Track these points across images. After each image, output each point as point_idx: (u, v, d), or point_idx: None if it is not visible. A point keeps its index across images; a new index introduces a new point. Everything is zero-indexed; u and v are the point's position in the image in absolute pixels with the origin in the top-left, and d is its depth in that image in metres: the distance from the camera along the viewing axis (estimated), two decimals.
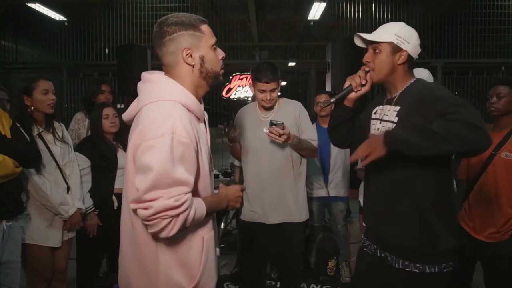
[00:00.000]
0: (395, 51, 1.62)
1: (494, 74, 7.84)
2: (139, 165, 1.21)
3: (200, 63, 1.33)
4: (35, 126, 2.32)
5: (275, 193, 2.38)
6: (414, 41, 1.63)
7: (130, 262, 1.33)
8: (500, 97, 2.26)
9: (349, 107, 1.82)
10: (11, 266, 2.10)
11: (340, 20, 7.70)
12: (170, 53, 1.32)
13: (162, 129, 1.18)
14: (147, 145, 1.18)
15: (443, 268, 1.56)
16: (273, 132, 2.20)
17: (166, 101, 1.27)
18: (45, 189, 2.26)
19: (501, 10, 7.67)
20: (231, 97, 8.00)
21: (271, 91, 2.33)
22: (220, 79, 1.40)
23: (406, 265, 1.59)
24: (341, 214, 3.56)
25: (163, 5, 7.58)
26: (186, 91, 1.31)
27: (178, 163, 1.19)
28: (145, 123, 1.22)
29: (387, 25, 1.68)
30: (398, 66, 1.64)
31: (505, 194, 2.22)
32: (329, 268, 3.53)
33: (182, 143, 1.20)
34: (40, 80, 2.32)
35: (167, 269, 1.29)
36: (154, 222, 1.16)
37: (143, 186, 1.17)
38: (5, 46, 8.39)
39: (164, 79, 1.33)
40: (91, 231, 2.59)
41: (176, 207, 1.17)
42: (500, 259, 2.23)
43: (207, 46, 1.34)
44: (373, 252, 1.75)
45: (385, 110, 1.70)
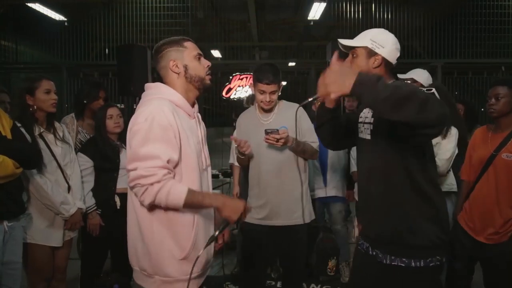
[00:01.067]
0: (370, 55, 1.67)
1: (494, 74, 7.85)
2: (128, 145, 1.53)
3: (184, 71, 1.63)
4: (36, 126, 2.32)
5: (279, 195, 2.37)
6: (390, 45, 1.67)
7: (133, 233, 1.59)
8: (498, 98, 2.25)
9: (328, 108, 1.84)
10: (12, 266, 2.10)
11: (340, 20, 7.71)
12: (162, 67, 1.65)
13: (145, 115, 1.49)
14: (135, 129, 1.50)
15: (428, 263, 1.59)
16: (270, 139, 2.21)
17: (157, 98, 1.58)
18: (46, 189, 2.26)
19: (501, 10, 7.67)
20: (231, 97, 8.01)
21: (271, 93, 2.32)
22: (206, 82, 1.67)
23: (392, 260, 1.63)
24: (340, 214, 3.56)
25: (163, 5, 7.59)
26: (174, 91, 1.61)
27: (154, 141, 1.46)
28: (136, 114, 1.55)
29: (366, 31, 1.73)
30: (374, 69, 1.68)
31: (505, 195, 2.22)
32: (329, 268, 3.53)
33: (160, 126, 1.48)
34: (43, 80, 2.33)
35: (161, 237, 1.52)
36: (135, 189, 1.47)
37: (128, 159, 1.50)
38: (5, 46, 8.40)
39: (160, 85, 1.64)
40: (94, 230, 2.60)
41: (146, 176, 1.43)
42: (499, 260, 2.22)
43: (190, 57, 1.64)
44: (366, 250, 1.78)
45: (366, 113, 1.78)
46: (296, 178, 2.39)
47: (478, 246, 2.29)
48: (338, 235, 3.59)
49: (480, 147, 2.36)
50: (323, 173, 3.47)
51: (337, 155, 3.44)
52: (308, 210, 2.45)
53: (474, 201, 2.35)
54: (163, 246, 1.53)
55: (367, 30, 1.73)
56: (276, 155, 2.36)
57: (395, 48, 1.69)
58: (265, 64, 2.37)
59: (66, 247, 2.47)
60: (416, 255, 1.60)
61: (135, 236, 1.59)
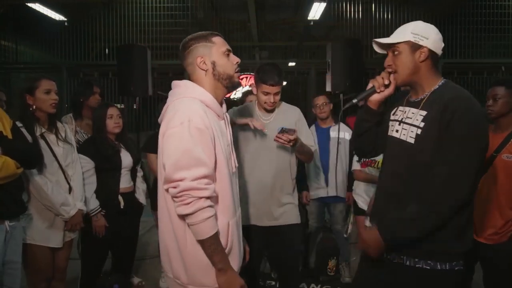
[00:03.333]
0: (415, 49, 1.57)
1: (494, 74, 7.84)
2: (164, 150, 1.45)
3: (212, 68, 1.56)
4: (37, 126, 2.32)
5: (272, 195, 2.37)
6: (433, 35, 1.58)
7: (167, 239, 1.53)
8: (496, 99, 2.24)
9: (375, 110, 1.72)
10: (13, 266, 2.11)
11: (340, 20, 7.70)
12: (189, 63, 1.59)
13: (180, 118, 1.42)
14: (170, 133, 1.43)
15: (454, 266, 1.55)
16: (283, 138, 2.16)
17: (187, 97, 1.52)
18: (46, 190, 2.26)
19: (501, 10, 7.67)
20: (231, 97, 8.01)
21: (275, 94, 2.30)
22: (235, 80, 1.61)
23: (416, 262, 1.57)
24: (340, 214, 3.56)
25: (163, 5, 7.58)
26: (204, 91, 1.55)
27: (196, 145, 1.41)
28: (169, 115, 1.46)
29: (403, 26, 1.63)
30: (421, 64, 1.58)
31: (505, 196, 2.22)
32: (329, 268, 3.53)
33: (198, 129, 1.42)
34: (43, 80, 2.33)
35: (194, 247, 1.47)
36: (181, 199, 1.39)
37: (169, 167, 1.40)
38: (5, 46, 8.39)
39: (188, 83, 1.58)
40: (100, 232, 2.60)
41: (199, 189, 1.39)
42: (499, 260, 2.23)
43: (218, 53, 1.57)
44: None
45: (407, 112, 1.64)
46: (289, 179, 2.42)
47: (478, 246, 2.29)
48: (338, 235, 3.59)
49: None
50: (324, 173, 3.47)
51: (339, 155, 3.44)
52: (295, 211, 2.45)
53: (474, 202, 2.34)
54: (197, 257, 1.47)
55: (404, 25, 1.63)
56: (272, 155, 2.36)
57: (439, 38, 1.60)
58: (268, 65, 2.34)
59: (66, 248, 2.47)
60: (444, 259, 1.54)
61: (169, 244, 1.53)
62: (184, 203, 1.38)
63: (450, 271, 1.54)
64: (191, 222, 1.40)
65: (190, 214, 1.38)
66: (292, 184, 2.46)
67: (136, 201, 2.91)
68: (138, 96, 5.28)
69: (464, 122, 1.46)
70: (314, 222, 3.64)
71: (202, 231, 1.41)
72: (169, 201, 1.47)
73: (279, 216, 2.39)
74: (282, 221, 2.39)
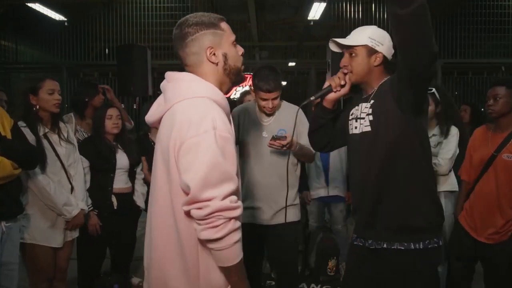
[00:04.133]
0: (371, 54, 1.67)
1: (494, 74, 7.84)
2: (185, 164, 1.19)
3: (223, 61, 1.34)
4: (41, 126, 2.32)
5: (272, 195, 2.38)
6: (387, 42, 1.68)
7: (170, 263, 1.29)
8: (497, 99, 2.25)
9: (329, 108, 1.83)
10: (10, 267, 2.10)
11: (340, 20, 7.70)
12: (193, 53, 1.32)
13: (203, 126, 1.18)
14: (191, 143, 1.18)
15: (427, 244, 1.62)
16: (276, 144, 2.19)
17: (199, 97, 1.26)
18: (48, 189, 2.26)
19: (501, 10, 7.66)
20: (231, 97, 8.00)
21: (273, 100, 2.29)
22: (241, 75, 1.41)
23: (391, 244, 1.64)
24: (341, 214, 3.56)
25: (163, 5, 7.58)
26: (215, 88, 1.31)
27: (223, 159, 1.19)
28: (183, 121, 1.20)
29: (360, 29, 1.72)
30: (375, 68, 1.68)
31: (506, 195, 2.22)
32: (329, 268, 3.53)
33: (224, 138, 1.21)
34: (47, 80, 2.35)
35: (207, 273, 1.27)
36: (209, 221, 1.16)
37: (195, 185, 1.15)
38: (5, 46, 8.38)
39: (192, 77, 1.33)
40: (92, 230, 2.60)
41: (232, 209, 1.18)
42: (500, 259, 2.23)
43: (228, 43, 1.35)
44: (363, 243, 1.77)
45: (361, 107, 1.75)
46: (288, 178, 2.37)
47: (478, 246, 2.29)
48: (338, 235, 3.59)
49: (480, 147, 2.36)
50: (325, 172, 3.47)
51: (339, 155, 3.44)
52: (295, 210, 2.45)
53: (475, 201, 2.35)
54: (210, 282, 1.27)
55: (361, 28, 1.72)
56: (272, 156, 2.36)
57: (391, 45, 1.69)
58: (265, 69, 2.30)
59: (67, 248, 2.47)
60: (415, 238, 1.61)
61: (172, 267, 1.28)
62: (211, 225, 1.16)
63: (424, 249, 1.61)
64: (219, 247, 1.18)
65: (219, 238, 1.17)
66: (294, 184, 2.44)
67: (134, 203, 2.91)
68: (138, 96, 5.28)
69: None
70: (314, 222, 3.64)
71: (231, 257, 1.21)
72: (182, 224, 1.24)
73: (278, 215, 2.39)
74: (280, 219, 2.39)
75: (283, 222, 2.38)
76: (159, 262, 1.31)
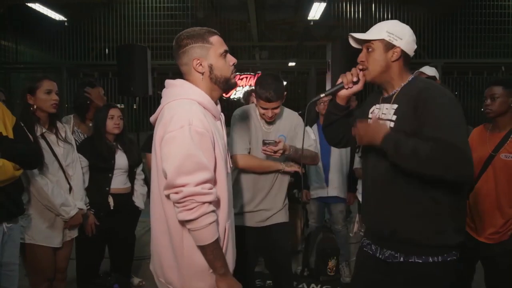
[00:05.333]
0: (388, 48, 1.61)
1: (494, 74, 7.85)
2: (164, 154, 1.40)
3: (209, 71, 1.51)
4: (38, 126, 2.32)
5: (267, 197, 2.39)
6: (407, 37, 1.62)
7: (161, 244, 1.50)
8: (494, 98, 2.25)
9: (342, 105, 1.80)
10: (11, 268, 2.10)
11: (340, 20, 7.71)
12: (184, 64, 1.52)
13: (180, 121, 1.38)
14: (169, 136, 1.38)
15: (446, 257, 1.58)
16: (268, 150, 2.19)
17: (184, 99, 1.47)
18: (46, 190, 2.26)
19: (501, 10, 7.67)
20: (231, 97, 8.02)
21: (273, 109, 2.26)
22: (232, 82, 1.57)
23: (409, 257, 1.59)
24: (341, 214, 3.56)
25: (163, 5, 7.59)
26: (201, 92, 1.50)
27: (197, 149, 1.37)
28: (167, 118, 1.42)
29: (380, 24, 1.67)
30: (392, 63, 1.63)
31: (505, 195, 2.22)
32: (329, 268, 3.53)
33: (198, 132, 1.39)
34: (44, 80, 2.34)
35: (191, 253, 1.44)
36: (184, 204, 1.35)
37: (171, 173, 1.35)
38: (5, 46, 8.39)
39: (184, 82, 1.53)
40: (88, 229, 2.59)
41: (203, 194, 1.36)
42: (500, 259, 2.23)
43: (216, 55, 1.51)
44: (374, 251, 1.74)
45: (382, 108, 1.69)
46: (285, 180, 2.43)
47: (479, 246, 2.29)
48: (338, 235, 3.59)
49: (478, 147, 2.36)
50: (325, 173, 3.47)
51: (340, 155, 3.44)
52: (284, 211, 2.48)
53: (474, 202, 2.35)
54: (193, 262, 1.45)
55: (381, 23, 1.67)
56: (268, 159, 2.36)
57: (412, 39, 1.64)
58: (268, 77, 2.27)
59: (66, 248, 2.47)
60: (436, 253, 1.57)
61: (163, 250, 1.50)
62: (187, 208, 1.34)
63: (443, 262, 1.57)
64: (194, 228, 1.36)
65: (194, 219, 1.35)
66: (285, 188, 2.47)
67: (132, 203, 2.91)
68: (138, 96, 5.28)
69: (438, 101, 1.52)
70: (314, 222, 3.64)
71: (205, 237, 1.38)
72: (166, 206, 1.44)
73: (269, 217, 2.42)
74: (270, 220, 2.41)
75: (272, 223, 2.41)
76: (155, 243, 1.53)
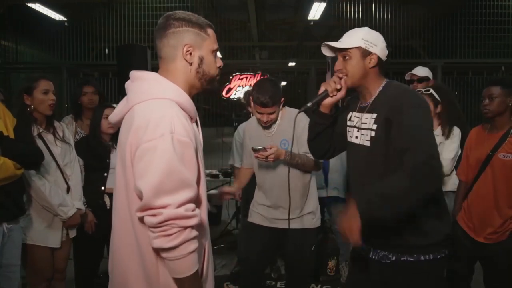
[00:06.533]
0: (365, 55, 1.64)
1: (494, 74, 7.85)
2: (140, 169, 1.15)
3: (198, 63, 1.31)
4: (35, 126, 2.31)
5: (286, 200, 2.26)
6: (381, 43, 1.66)
7: (130, 271, 1.26)
8: (492, 98, 2.25)
9: (327, 113, 1.80)
10: (11, 269, 2.09)
11: (340, 20, 7.70)
12: (170, 46, 1.29)
13: (160, 129, 1.14)
14: (146, 147, 1.14)
15: (437, 255, 1.62)
16: (259, 156, 2.18)
17: (159, 99, 1.22)
18: (43, 190, 2.25)
19: (501, 10, 7.66)
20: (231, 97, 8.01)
21: (268, 114, 2.26)
22: (215, 84, 1.39)
23: (401, 256, 1.63)
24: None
25: (163, 5, 7.58)
26: (179, 89, 1.27)
27: (180, 164, 1.15)
28: (140, 124, 1.17)
29: (352, 31, 1.69)
30: (370, 69, 1.66)
31: (503, 195, 2.22)
32: (329, 268, 3.53)
33: (182, 142, 1.16)
34: (41, 80, 2.33)
35: (167, 281, 1.22)
36: (162, 229, 1.12)
37: (148, 192, 1.12)
38: (5, 46, 8.39)
39: (157, 77, 1.29)
40: (88, 228, 2.59)
41: (187, 217, 1.14)
42: (499, 259, 2.23)
43: (208, 49, 1.33)
44: (367, 252, 1.75)
45: (361, 118, 1.71)
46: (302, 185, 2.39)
47: (477, 246, 2.29)
48: (338, 235, 3.58)
49: (477, 147, 2.36)
50: (324, 173, 3.47)
51: (339, 155, 3.43)
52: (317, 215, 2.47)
53: (473, 202, 2.35)
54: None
55: (353, 30, 1.70)
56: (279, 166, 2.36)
57: (385, 45, 1.68)
58: (266, 82, 2.28)
59: (65, 247, 2.46)
60: (425, 252, 1.61)
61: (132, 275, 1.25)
62: (165, 234, 1.11)
63: (434, 259, 1.61)
64: (172, 257, 1.14)
65: (173, 247, 1.12)
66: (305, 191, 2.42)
67: None
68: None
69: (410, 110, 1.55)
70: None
71: (184, 268, 1.16)
72: (139, 230, 1.20)
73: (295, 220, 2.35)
74: (297, 225, 2.36)
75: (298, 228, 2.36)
76: (120, 267, 1.28)
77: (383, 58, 1.68)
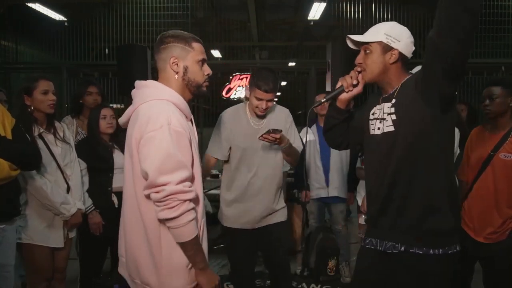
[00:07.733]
0: (386, 51, 1.62)
1: (494, 74, 7.84)
2: (144, 154, 1.41)
3: (183, 72, 1.56)
4: (36, 127, 2.32)
5: (263, 199, 2.40)
6: (405, 39, 1.62)
7: (137, 245, 1.51)
8: (493, 98, 2.25)
9: (342, 108, 1.80)
10: (6, 269, 2.10)
11: (340, 20, 7.70)
12: (162, 59, 1.58)
13: (159, 122, 1.41)
14: (149, 136, 1.40)
15: (447, 250, 1.58)
16: (269, 138, 2.19)
17: (158, 100, 1.49)
18: (45, 189, 2.26)
19: (501, 10, 7.66)
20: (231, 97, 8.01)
21: (268, 101, 2.29)
22: (202, 90, 1.61)
23: (409, 247, 1.60)
24: (341, 214, 3.56)
25: (163, 5, 7.57)
26: (174, 92, 1.54)
27: (176, 149, 1.41)
28: (143, 119, 1.44)
29: (377, 25, 1.67)
30: (391, 65, 1.63)
31: (504, 195, 2.22)
32: (329, 268, 3.53)
33: (177, 132, 1.43)
34: (41, 80, 2.33)
35: (169, 251, 1.46)
36: (166, 203, 1.37)
37: (152, 172, 1.38)
38: (5, 46, 8.38)
39: (156, 83, 1.57)
40: (96, 229, 2.60)
41: (185, 192, 1.39)
42: (498, 259, 2.23)
43: (193, 60, 1.57)
44: (374, 245, 1.73)
45: (384, 108, 1.69)
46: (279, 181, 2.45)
47: (477, 246, 2.29)
48: (338, 235, 3.59)
49: (478, 147, 2.36)
50: (325, 173, 3.47)
51: (340, 155, 3.44)
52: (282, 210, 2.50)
53: (473, 201, 2.35)
54: (172, 260, 1.47)
55: (379, 24, 1.67)
56: (264, 161, 2.39)
57: (410, 41, 1.64)
58: (265, 70, 2.32)
59: (65, 248, 2.46)
60: (434, 243, 1.57)
61: (138, 250, 1.51)
62: (168, 207, 1.38)
63: (444, 254, 1.57)
64: (175, 225, 1.40)
65: (175, 217, 1.38)
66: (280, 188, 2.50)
67: None
68: None
69: None
70: (314, 222, 3.64)
71: (186, 234, 1.42)
72: (144, 206, 1.46)
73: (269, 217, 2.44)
74: (267, 221, 2.44)
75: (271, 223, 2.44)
76: (130, 245, 1.53)
77: (407, 54, 1.64)
